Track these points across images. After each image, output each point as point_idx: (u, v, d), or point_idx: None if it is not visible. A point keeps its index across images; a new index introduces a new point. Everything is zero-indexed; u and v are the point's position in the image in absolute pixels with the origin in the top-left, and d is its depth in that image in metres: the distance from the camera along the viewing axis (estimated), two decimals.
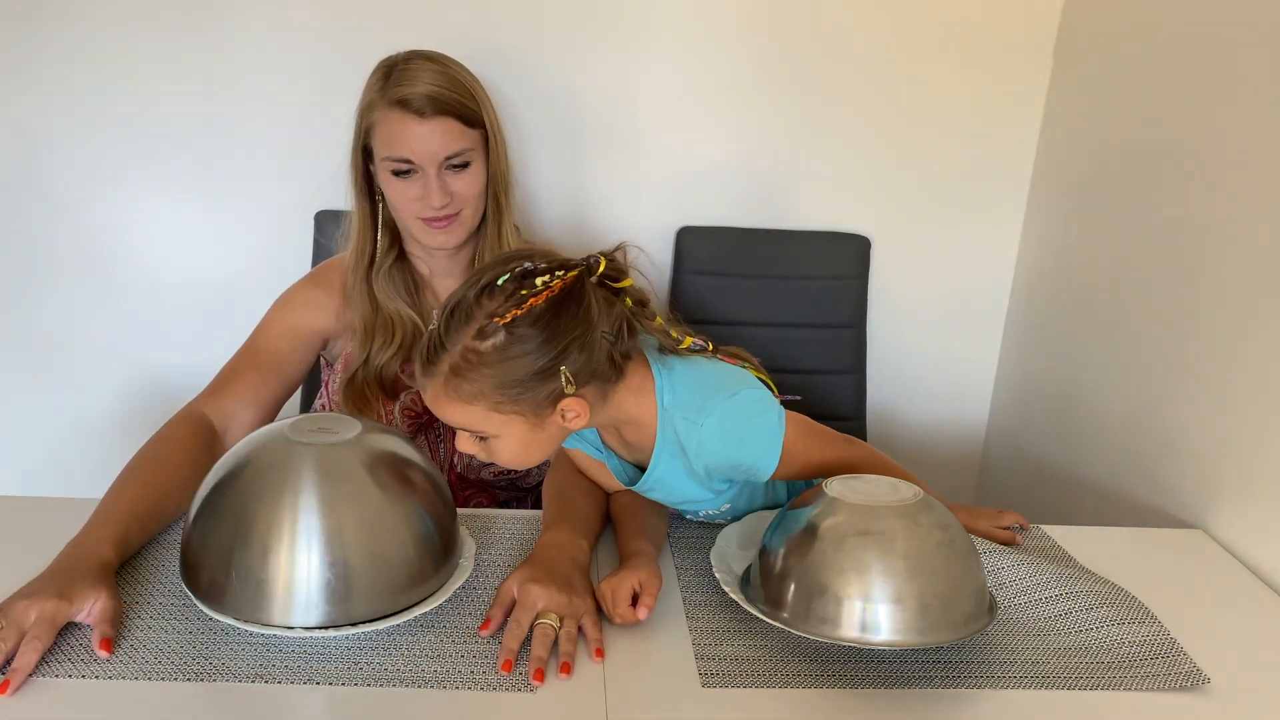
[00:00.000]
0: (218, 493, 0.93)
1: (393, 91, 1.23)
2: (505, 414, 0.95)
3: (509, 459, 0.99)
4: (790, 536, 0.94)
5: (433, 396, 0.96)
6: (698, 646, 0.96)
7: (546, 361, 0.93)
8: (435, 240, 1.30)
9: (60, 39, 1.56)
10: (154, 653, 0.90)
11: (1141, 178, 1.45)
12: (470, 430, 0.98)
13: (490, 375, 0.93)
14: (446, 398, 0.95)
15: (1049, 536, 1.21)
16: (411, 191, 1.26)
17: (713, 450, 1.03)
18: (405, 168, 1.25)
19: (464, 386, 0.94)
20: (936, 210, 1.75)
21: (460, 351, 0.93)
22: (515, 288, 0.93)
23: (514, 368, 0.93)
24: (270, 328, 1.32)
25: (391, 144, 1.24)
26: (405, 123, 1.23)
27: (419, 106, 1.23)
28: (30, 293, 1.71)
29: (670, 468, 1.06)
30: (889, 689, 0.92)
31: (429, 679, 0.89)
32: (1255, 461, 1.20)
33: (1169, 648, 0.98)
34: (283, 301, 1.34)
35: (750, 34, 1.63)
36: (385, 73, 1.26)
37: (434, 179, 1.25)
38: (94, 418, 1.77)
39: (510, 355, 0.92)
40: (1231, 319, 1.25)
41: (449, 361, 0.93)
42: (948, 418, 1.76)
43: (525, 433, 0.97)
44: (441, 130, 1.24)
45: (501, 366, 0.93)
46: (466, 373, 0.93)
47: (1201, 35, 1.33)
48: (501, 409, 0.95)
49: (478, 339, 0.92)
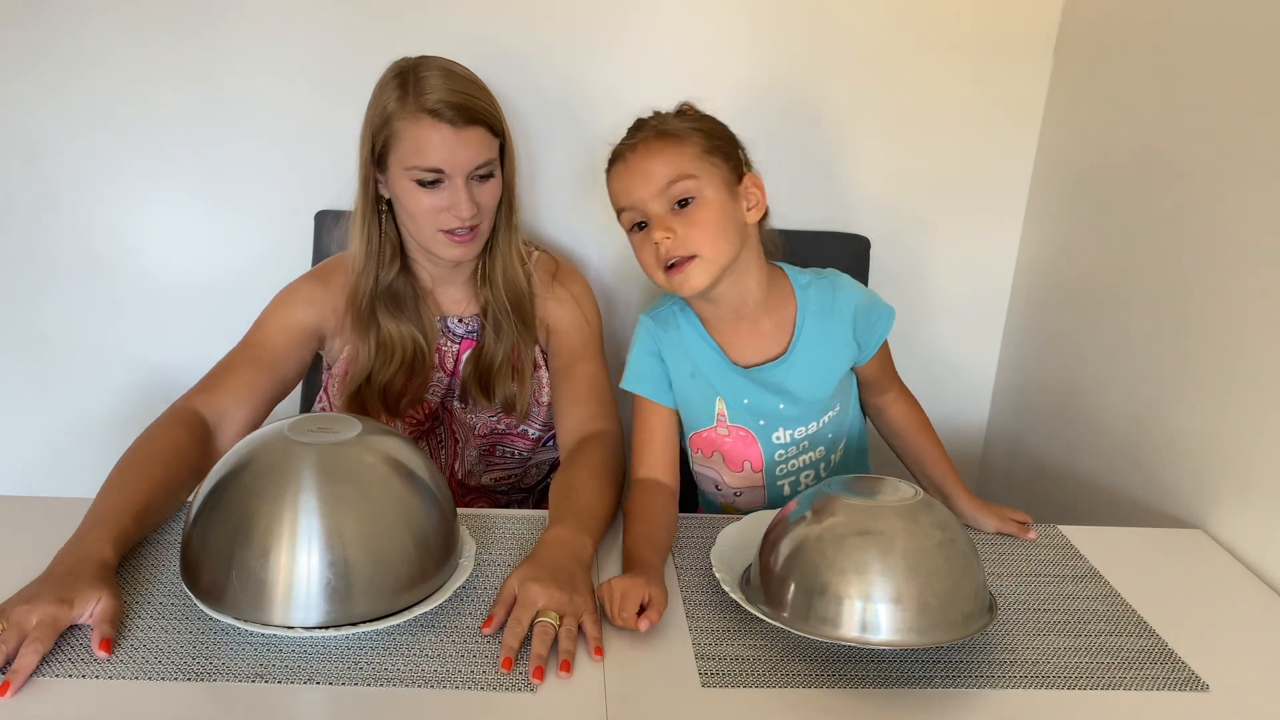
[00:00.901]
0: (218, 492, 0.93)
1: (420, 100, 1.19)
2: (710, 162, 1.14)
3: (709, 227, 1.13)
4: (790, 536, 0.95)
5: (645, 149, 1.14)
6: (698, 646, 0.96)
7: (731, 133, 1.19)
8: (455, 253, 1.27)
9: (61, 40, 1.56)
10: (154, 653, 0.91)
11: (1141, 177, 1.45)
12: (682, 175, 1.13)
13: (696, 128, 1.16)
14: (660, 143, 1.14)
15: (1061, 534, 1.21)
16: (438, 203, 1.23)
17: (854, 293, 1.26)
18: (434, 178, 1.21)
19: (678, 136, 1.14)
20: (936, 210, 1.75)
21: (664, 120, 1.17)
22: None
23: (712, 129, 1.17)
24: (268, 324, 1.30)
25: (422, 153, 1.20)
26: (438, 131, 1.19)
27: (452, 116, 1.19)
28: (31, 293, 1.71)
29: (817, 330, 1.24)
30: (889, 689, 0.92)
31: (429, 679, 0.89)
32: (1255, 461, 1.20)
33: (1167, 656, 0.99)
34: (282, 297, 1.32)
35: (751, 35, 1.63)
36: (400, 81, 1.22)
37: (463, 190, 1.22)
38: (94, 418, 1.77)
39: (706, 121, 1.18)
40: (1231, 319, 1.25)
41: (655, 126, 1.16)
42: (948, 418, 1.76)
43: (723, 198, 1.14)
44: (476, 139, 1.21)
45: (703, 122, 1.17)
46: (674, 127, 1.15)
47: (1202, 35, 1.33)
48: (705, 158, 1.14)
49: (678, 117, 1.18)
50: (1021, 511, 1.22)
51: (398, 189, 1.24)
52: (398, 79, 1.22)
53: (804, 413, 1.26)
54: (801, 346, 1.23)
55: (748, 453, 1.28)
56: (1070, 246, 1.63)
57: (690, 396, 1.25)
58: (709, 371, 1.24)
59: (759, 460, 1.28)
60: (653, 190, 1.13)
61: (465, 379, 1.37)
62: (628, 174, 1.15)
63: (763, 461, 1.28)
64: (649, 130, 1.16)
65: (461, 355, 1.38)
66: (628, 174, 1.15)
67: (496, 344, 1.35)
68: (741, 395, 1.24)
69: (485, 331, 1.36)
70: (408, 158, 1.21)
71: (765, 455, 1.28)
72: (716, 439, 1.28)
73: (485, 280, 1.35)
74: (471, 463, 1.43)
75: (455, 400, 1.40)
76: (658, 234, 1.13)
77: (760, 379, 1.23)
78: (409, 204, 1.24)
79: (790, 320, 1.24)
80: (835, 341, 1.25)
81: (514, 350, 1.36)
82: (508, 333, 1.35)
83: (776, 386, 1.24)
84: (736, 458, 1.28)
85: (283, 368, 1.28)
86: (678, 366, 1.25)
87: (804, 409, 1.26)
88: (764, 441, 1.27)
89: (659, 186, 1.12)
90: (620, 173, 1.16)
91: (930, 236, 1.76)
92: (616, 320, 1.77)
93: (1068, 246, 1.64)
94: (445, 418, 1.42)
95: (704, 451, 1.30)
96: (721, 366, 1.23)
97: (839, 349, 1.25)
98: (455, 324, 1.37)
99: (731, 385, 1.24)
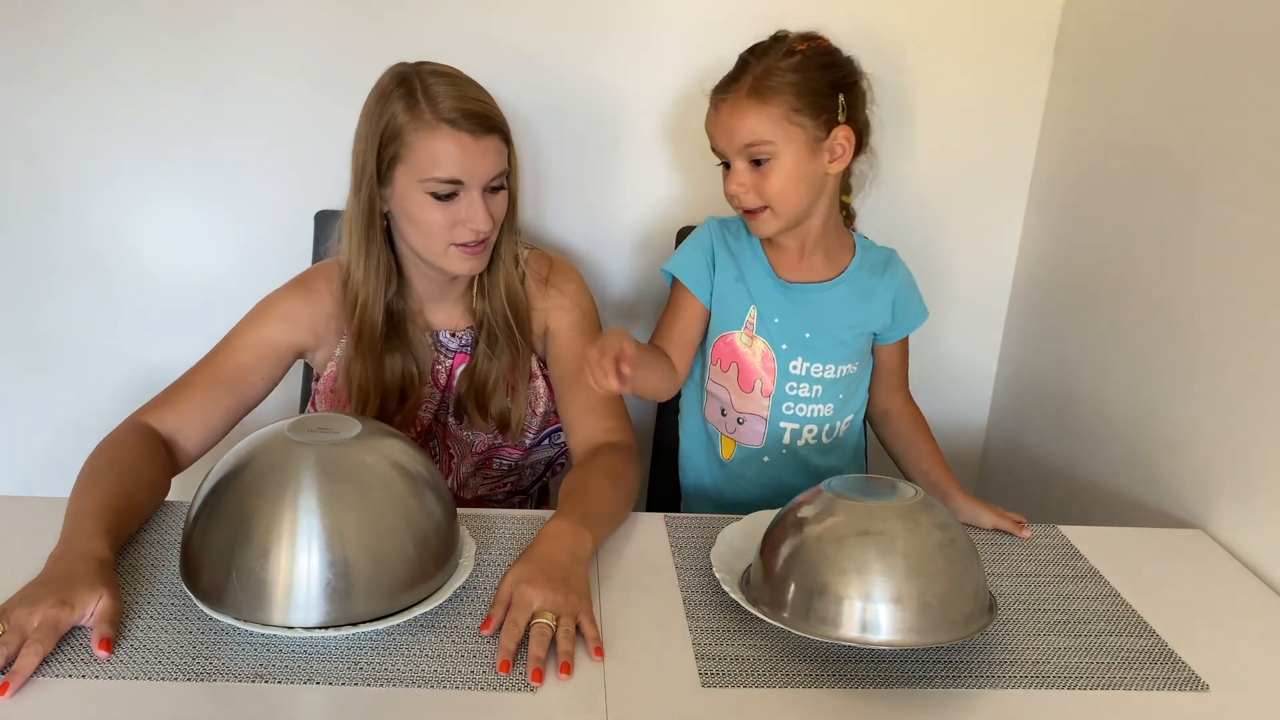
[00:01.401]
0: (218, 492, 0.93)
1: (436, 109, 1.14)
2: (793, 124, 1.20)
3: (779, 187, 1.22)
4: (790, 536, 0.95)
5: (732, 104, 1.21)
6: (698, 646, 0.96)
7: (837, 75, 1.23)
8: (466, 266, 1.23)
9: (61, 40, 1.56)
10: (154, 653, 0.90)
11: (1141, 177, 1.45)
12: (759, 141, 1.20)
13: (792, 83, 1.19)
14: (747, 102, 1.20)
15: (1061, 534, 1.21)
16: (454, 215, 1.18)
17: (906, 273, 1.37)
18: (450, 190, 1.17)
19: (768, 94, 1.19)
20: (936, 210, 1.75)
21: (765, 67, 1.20)
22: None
23: (811, 79, 1.20)
24: (237, 340, 1.26)
25: (440, 164, 1.15)
26: (459, 142, 1.15)
27: (471, 125, 1.15)
28: (31, 293, 1.71)
29: (863, 281, 1.33)
30: (889, 689, 0.92)
31: (429, 679, 0.89)
32: (1255, 461, 1.20)
33: (1167, 655, 0.99)
34: (257, 312, 1.28)
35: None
36: (406, 90, 1.16)
37: (479, 201, 1.18)
38: (94, 418, 1.76)
39: (808, 68, 1.21)
40: (1231, 318, 1.25)
41: (755, 75, 1.20)
42: (948, 418, 1.76)
43: (801, 158, 1.22)
44: (493, 149, 1.18)
45: (801, 75, 1.20)
46: (771, 79, 1.19)
47: (1201, 35, 1.33)
48: (791, 119, 1.20)
49: (784, 58, 1.21)
50: (1017, 514, 1.23)
51: (407, 203, 1.19)
52: (402, 88, 1.16)
53: (825, 349, 1.33)
54: (844, 284, 1.33)
55: (763, 371, 1.34)
56: (1070, 246, 1.63)
57: (728, 297, 1.33)
58: (751, 281, 1.32)
59: (771, 382, 1.34)
60: (733, 147, 1.23)
61: (460, 395, 1.34)
62: (716, 123, 1.25)
63: (774, 385, 1.33)
64: (745, 83, 1.21)
65: (455, 370, 1.34)
66: (716, 123, 1.25)
67: (490, 361, 1.31)
68: (774, 312, 1.32)
69: (479, 348, 1.32)
70: (423, 169, 1.16)
71: (778, 381, 1.34)
72: (738, 349, 1.34)
73: (481, 293, 1.31)
74: (466, 475, 1.41)
75: (449, 415, 1.37)
76: (733, 185, 1.24)
77: (797, 297, 1.32)
78: (421, 218, 1.19)
79: (842, 264, 1.35)
80: (874, 299, 1.34)
81: (509, 367, 1.32)
82: (502, 348, 1.31)
83: (810, 309, 1.32)
84: (751, 375, 1.34)
85: (245, 387, 1.24)
86: (725, 268, 1.33)
87: (826, 345, 1.33)
88: (781, 367, 1.33)
89: (738, 146, 1.22)
90: (711, 119, 1.26)
91: (930, 236, 1.76)
92: (623, 321, 1.77)
93: (1068, 246, 1.64)
94: (439, 432, 1.38)
95: (723, 364, 1.36)
96: (765, 281, 1.32)
97: (875, 307, 1.35)
98: (448, 338, 1.34)
99: (768, 298, 1.32)
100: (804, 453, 1.38)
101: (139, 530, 1.09)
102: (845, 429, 1.40)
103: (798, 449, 1.37)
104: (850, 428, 1.41)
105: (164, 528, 1.10)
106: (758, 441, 1.37)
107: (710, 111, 1.26)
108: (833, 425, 1.38)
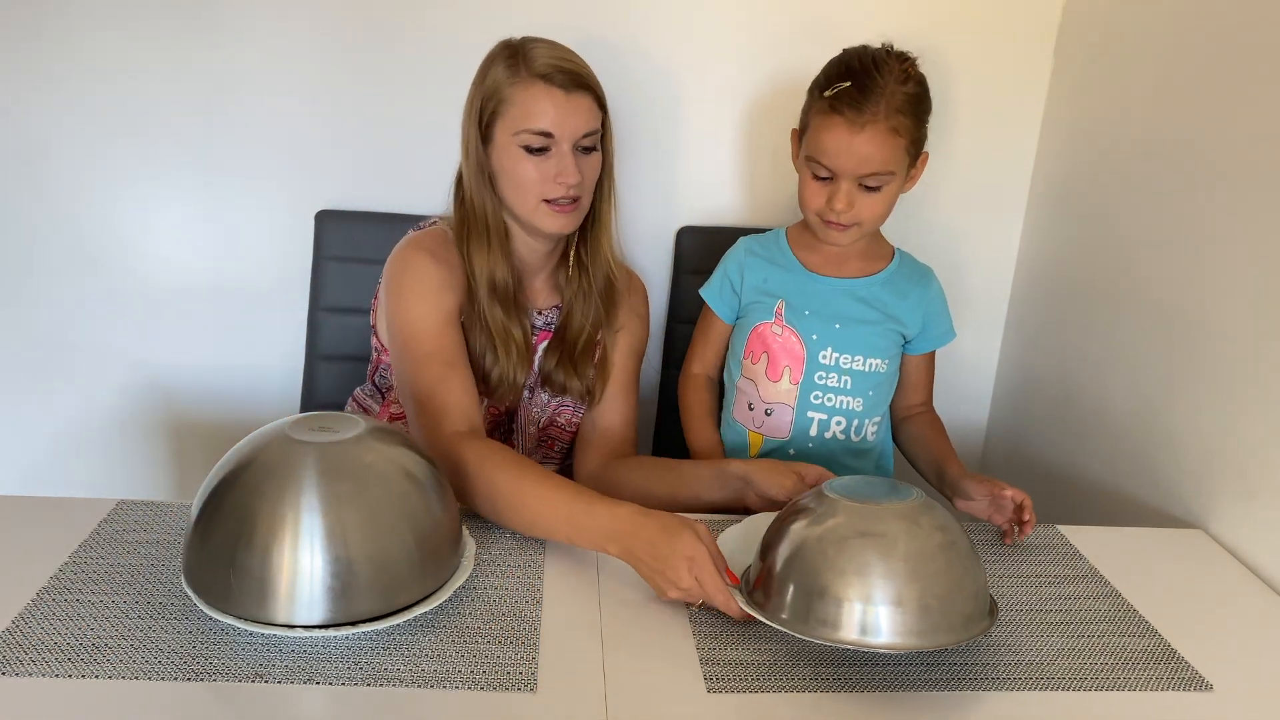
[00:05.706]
0: (219, 492, 0.92)
1: (531, 66, 1.21)
2: (908, 154, 1.23)
3: (881, 210, 1.28)
4: (791, 538, 0.94)
5: (872, 134, 1.20)
6: (702, 651, 0.96)
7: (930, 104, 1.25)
8: (555, 224, 1.25)
9: (61, 39, 1.56)
10: (154, 653, 0.90)
11: (1141, 177, 1.45)
12: (885, 171, 1.22)
13: (916, 114, 1.22)
14: (886, 134, 1.20)
15: (1061, 534, 1.21)
16: (545, 170, 1.23)
17: (940, 290, 1.41)
18: (542, 143, 1.22)
19: (901, 127, 1.21)
20: (936, 209, 1.75)
21: (892, 93, 1.20)
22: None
23: (924, 111, 1.24)
24: (425, 327, 1.24)
25: (532, 116, 1.21)
26: (551, 95, 1.21)
27: (563, 80, 1.21)
28: (30, 293, 1.70)
29: (898, 285, 1.37)
30: (890, 692, 0.91)
31: (429, 679, 0.89)
32: (1255, 461, 1.20)
33: (1170, 656, 0.99)
34: (418, 294, 1.25)
35: (750, 35, 1.63)
36: (510, 54, 1.24)
37: (569, 156, 1.22)
38: (94, 418, 1.77)
39: (923, 98, 1.24)
40: (1232, 318, 1.25)
41: (889, 104, 1.19)
42: (948, 417, 1.75)
43: (901, 181, 1.27)
44: (585, 106, 1.23)
45: (919, 108, 1.23)
46: (904, 112, 1.20)
47: (1202, 34, 1.33)
48: (909, 150, 1.23)
49: (902, 84, 1.20)
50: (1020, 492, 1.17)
51: (504, 158, 1.24)
52: (506, 53, 1.24)
53: (854, 341, 1.36)
54: (881, 282, 1.37)
55: (792, 358, 1.36)
56: (1070, 246, 1.63)
57: (760, 295, 1.39)
58: (782, 276, 1.38)
59: (799, 369, 1.36)
60: (856, 171, 1.23)
61: (546, 370, 1.36)
62: (842, 143, 1.22)
63: (802, 373, 1.35)
64: (881, 110, 1.20)
65: (538, 347, 1.37)
66: (842, 143, 1.22)
67: (580, 327, 1.35)
68: (805, 305, 1.36)
69: (572, 314, 1.35)
70: (517, 121, 1.22)
71: (807, 370, 1.36)
72: (769, 337, 1.38)
73: (578, 264, 1.34)
74: (528, 453, 1.42)
75: (526, 392, 1.38)
76: (839, 202, 1.25)
77: (830, 289, 1.36)
78: (515, 172, 1.23)
79: (878, 267, 1.39)
80: (908, 300, 1.38)
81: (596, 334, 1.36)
82: (592, 316, 1.35)
83: (842, 301, 1.36)
84: (779, 362, 1.36)
85: (466, 354, 1.26)
86: (754, 272, 1.39)
87: (856, 337, 1.36)
88: (810, 356, 1.36)
89: (863, 171, 1.23)
90: (837, 132, 1.22)
91: (930, 236, 1.76)
92: None
93: (1068, 246, 1.64)
94: (516, 410, 1.40)
95: (754, 356, 1.39)
96: (797, 275, 1.37)
97: (908, 306, 1.38)
98: (535, 316, 1.37)
99: (800, 291, 1.37)
100: (831, 447, 1.38)
101: (140, 531, 1.09)
102: (873, 431, 1.40)
103: (825, 442, 1.38)
104: (878, 432, 1.42)
105: (164, 528, 1.10)
106: (784, 433, 1.38)
107: (834, 121, 1.22)
108: (861, 422, 1.38)
